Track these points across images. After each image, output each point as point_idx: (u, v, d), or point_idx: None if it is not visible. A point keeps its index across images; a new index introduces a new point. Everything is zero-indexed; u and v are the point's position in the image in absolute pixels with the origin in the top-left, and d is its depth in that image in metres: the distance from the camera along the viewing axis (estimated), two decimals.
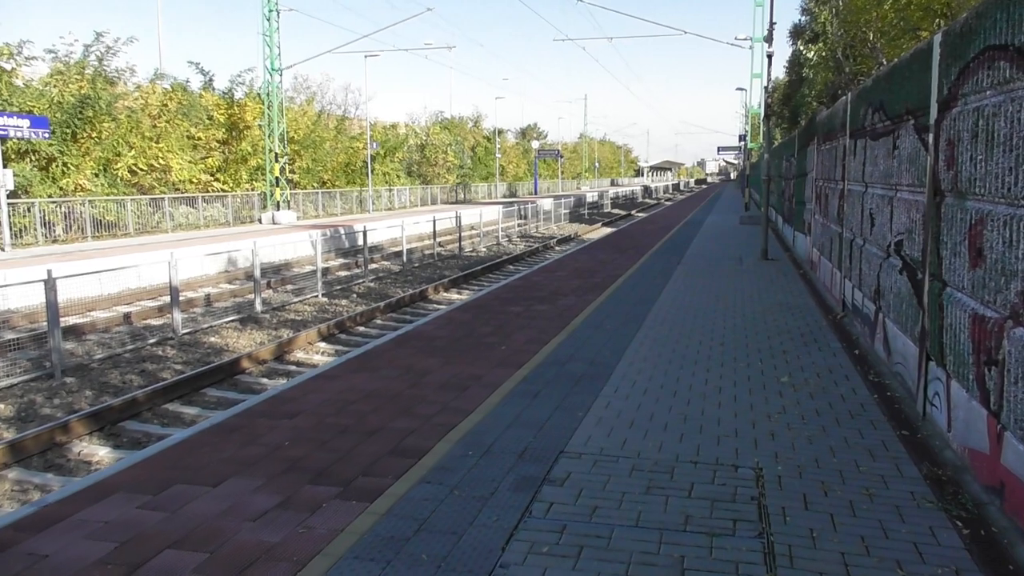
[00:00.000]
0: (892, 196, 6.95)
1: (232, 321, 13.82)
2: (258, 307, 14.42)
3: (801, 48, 22.53)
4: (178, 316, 12.36)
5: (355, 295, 17.14)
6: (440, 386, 6.58)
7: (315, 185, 40.25)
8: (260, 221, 31.42)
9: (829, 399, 6.22)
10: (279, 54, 30.48)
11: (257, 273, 14.50)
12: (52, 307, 9.73)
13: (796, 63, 36.09)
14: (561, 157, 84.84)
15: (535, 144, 75.27)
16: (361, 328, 13.49)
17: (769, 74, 16.75)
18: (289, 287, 18.28)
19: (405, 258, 21.79)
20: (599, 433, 5.39)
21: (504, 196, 64.88)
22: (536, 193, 69.38)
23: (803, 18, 33.56)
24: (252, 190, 33.24)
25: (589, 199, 60.94)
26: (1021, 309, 3.85)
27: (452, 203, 52.22)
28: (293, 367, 10.94)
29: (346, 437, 5.29)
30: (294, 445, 5.14)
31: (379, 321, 14.17)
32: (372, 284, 18.76)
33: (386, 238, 27.74)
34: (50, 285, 9.73)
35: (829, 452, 5.03)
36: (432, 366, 7.30)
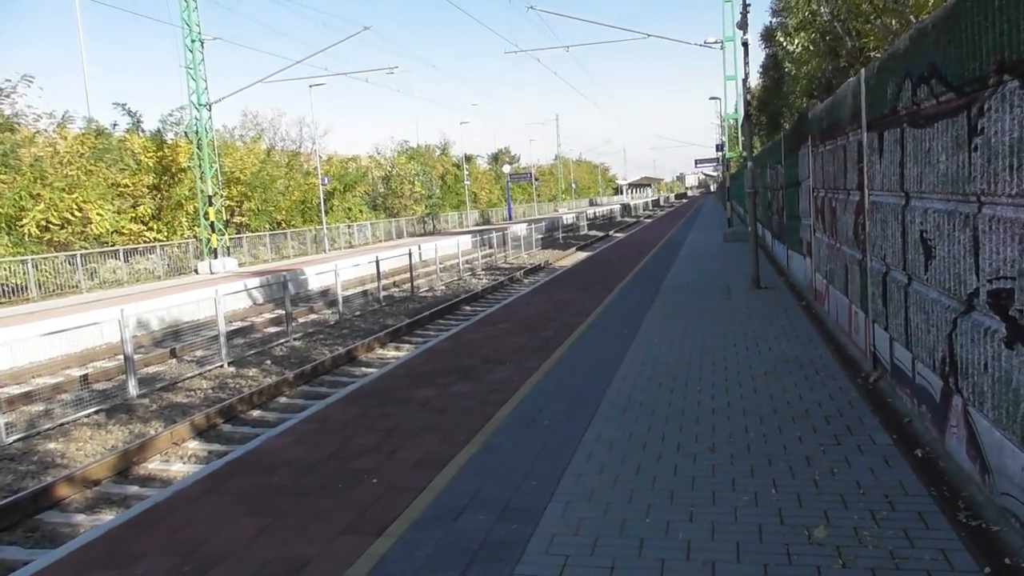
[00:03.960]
0: (973, 214, 4.22)
1: (96, 412, 10.89)
2: (132, 391, 11.49)
3: (782, 40, 19.93)
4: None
5: (270, 360, 14.23)
6: None
7: (268, 227, 37.36)
8: (197, 271, 28.46)
9: None
10: (206, 88, 27.71)
11: (128, 348, 11.58)
12: None
13: (773, 65, 33.62)
14: (536, 180, 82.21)
15: (507, 168, 72.60)
16: (256, 412, 10.61)
17: (747, 65, 14.13)
18: (199, 353, 15.35)
19: (342, 307, 18.89)
20: None
21: (477, 224, 62.11)
22: (510, 219, 66.63)
23: (773, 20, 31.15)
24: (194, 237, 30.35)
25: (566, 221, 58.36)
26: None
27: (421, 235, 49.38)
28: (135, 488, 8.05)
29: None
30: None
31: (284, 399, 11.29)
32: (298, 343, 15.85)
33: (331, 283, 24.84)
34: None
35: None
36: (236, 539, 4.41)
